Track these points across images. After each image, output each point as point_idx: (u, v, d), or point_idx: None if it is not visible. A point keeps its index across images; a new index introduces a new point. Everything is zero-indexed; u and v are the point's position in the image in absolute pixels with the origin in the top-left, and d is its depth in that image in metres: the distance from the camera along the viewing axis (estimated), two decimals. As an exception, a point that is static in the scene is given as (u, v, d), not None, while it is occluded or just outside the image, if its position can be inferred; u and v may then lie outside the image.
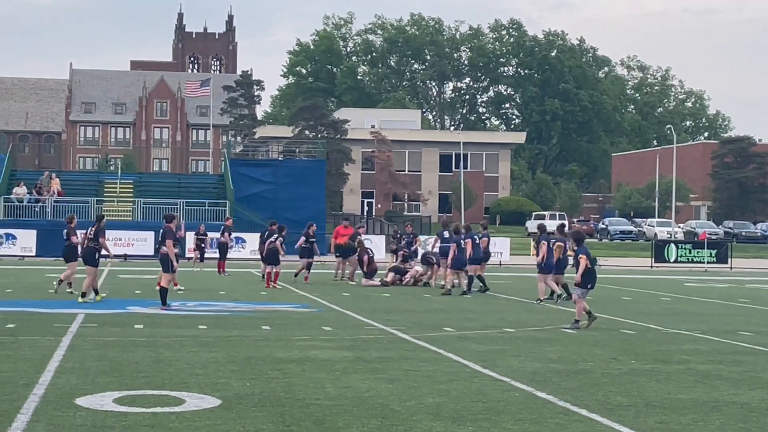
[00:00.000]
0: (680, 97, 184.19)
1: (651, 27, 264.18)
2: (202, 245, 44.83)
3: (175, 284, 31.72)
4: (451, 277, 32.55)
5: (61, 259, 52.19)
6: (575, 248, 22.07)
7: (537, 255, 29.84)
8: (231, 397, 12.52)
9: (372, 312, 24.88)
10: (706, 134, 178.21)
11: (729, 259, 60.02)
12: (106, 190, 65.00)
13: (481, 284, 33.44)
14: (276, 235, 34.88)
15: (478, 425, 11.16)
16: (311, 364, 15.59)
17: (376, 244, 56.05)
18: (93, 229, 26.90)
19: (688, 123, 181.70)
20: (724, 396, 13.46)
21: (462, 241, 32.50)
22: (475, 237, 34.23)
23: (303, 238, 37.95)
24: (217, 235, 44.52)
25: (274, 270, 34.11)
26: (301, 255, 37.63)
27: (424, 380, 14.18)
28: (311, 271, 37.61)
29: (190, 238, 46.92)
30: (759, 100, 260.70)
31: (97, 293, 27.01)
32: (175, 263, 24.75)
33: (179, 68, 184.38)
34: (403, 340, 19.15)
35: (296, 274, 37.16)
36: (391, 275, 37.09)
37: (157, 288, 25.10)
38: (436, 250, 36.25)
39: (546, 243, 29.46)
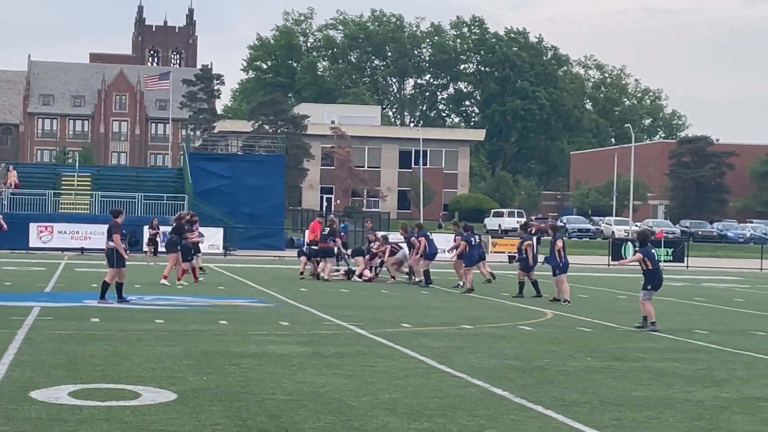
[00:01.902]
0: (637, 95, 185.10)
1: (612, 26, 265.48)
2: (156, 239, 44.70)
3: (179, 279, 31.80)
4: (470, 276, 32.47)
5: (19, 251, 52.00)
6: (637, 248, 22.10)
7: (559, 255, 28.70)
8: (187, 392, 12.49)
9: (330, 307, 24.88)
10: (662, 133, 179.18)
11: (685, 258, 60.41)
12: (63, 182, 64.63)
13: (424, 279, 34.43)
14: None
15: (434, 421, 11.19)
16: (268, 358, 15.58)
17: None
18: None
19: (646, 122, 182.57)
20: (679, 393, 13.55)
21: (473, 239, 32.85)
22: (428, 234, 35.42)
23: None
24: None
25: (188, 266, 33.44)
26: (325, 254, 37.17)
27: (381, 376, 14.20)
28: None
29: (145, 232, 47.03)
30: (714, 99, 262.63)
31: None
32: (125, 256, 24.42)
33: (139, 61, 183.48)
34: (360, 336, 19.17)
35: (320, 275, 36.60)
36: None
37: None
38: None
39: (562, 241, 29.00)
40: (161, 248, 44.93)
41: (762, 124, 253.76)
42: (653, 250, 22.24)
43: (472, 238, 33.07)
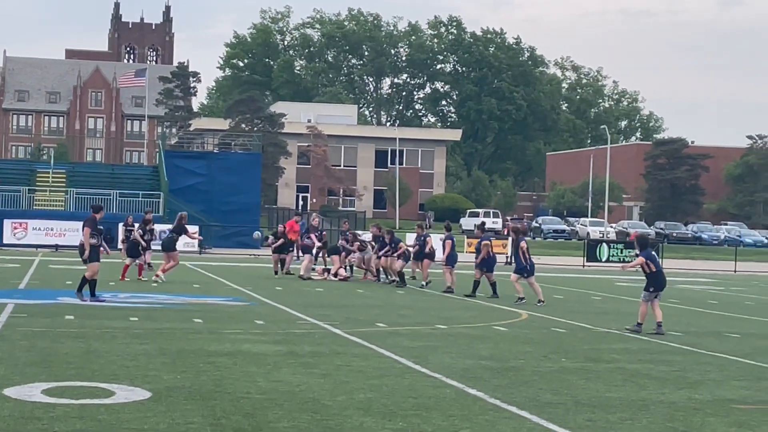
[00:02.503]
0: (614, 97, 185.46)
1: (588, 28, 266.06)
2: (130, 237, 44.42)
3: (156, 275, 31.82)
4: (450, 276, 32.43)
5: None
6: (638, 252, 22.03)
7: (524, 257, 28.60)
8: (161, 390, 12.46)
9: (305, 306, 24.86)
10: (639, 134, 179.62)
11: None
12: (38, 179, 64.46)
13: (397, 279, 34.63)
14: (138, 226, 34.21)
15: (409, 421, 11.19)
16: (243, 357, 15.56)
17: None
18: None
19: (622, 123, 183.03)
20: (652, 395, 13.59)
21: (454, 238, 32.95)
22: (399, 239, 35.97)
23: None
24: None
25: (136, 262, 33.14)
26: (304, 251, 37.01)
27: (356, 375, 14.20)
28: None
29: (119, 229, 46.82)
30: (690, 102, 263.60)
31: None
32: (86, 253, 23.99)
33: (115, 58, 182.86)
34: (335, 335, 19.17)
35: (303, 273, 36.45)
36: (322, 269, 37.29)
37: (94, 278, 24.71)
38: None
39: (526, 243, 28.99)
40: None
41: (737, 126, 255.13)
42: (653, 253, 22.33)
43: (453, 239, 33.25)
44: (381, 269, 36.45)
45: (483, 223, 33.81)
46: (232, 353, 15.96)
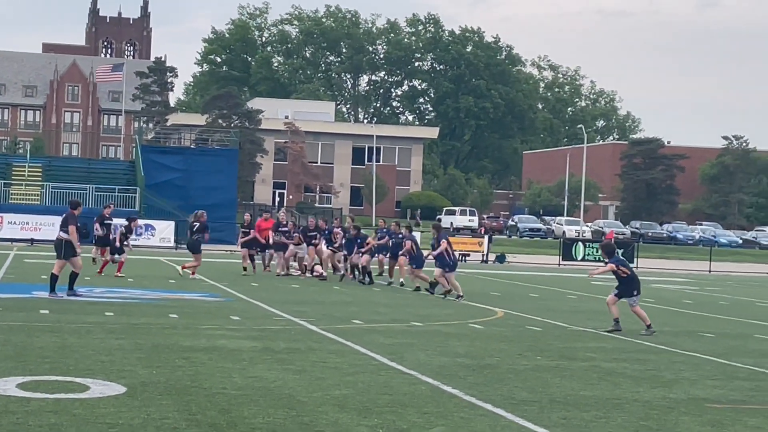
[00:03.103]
0: (592, 97, 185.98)
1: (566, 27, 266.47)
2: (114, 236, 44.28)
3: (192, 273, 31.94)
4: (420, 276, 32.35)
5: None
6: (606, 260, 22.06)
7: (447, 254, 29.05)
8: (136, 385, 12.44)
9: (281, 303, 24.85)
10: (615, 134, 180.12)
11: (635, 259, 60.71)
12: (14, 173, 64.20)
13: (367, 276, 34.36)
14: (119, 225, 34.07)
15: (384, 418, 11.20)
16: (218, 353, 15.55)
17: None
18: None
19: (600, 123, 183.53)
20: (627, 394, 13.64)
21: (415, 238, 32.94)
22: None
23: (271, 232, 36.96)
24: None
25: (119, 259, 33.09)
26: (277, 248, 36.76)
27: (331, 372, 14.20)
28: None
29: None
30: (667, 102, 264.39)
31: None
32: (78, 249, 23.99)
33: (92, 52, 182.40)
34: (311, 332, 19.16)
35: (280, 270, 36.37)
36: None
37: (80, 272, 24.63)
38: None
39: (446, 241, 29.35)
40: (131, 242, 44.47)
41: (713, 127, 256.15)
42: (622, 257, 22.42)
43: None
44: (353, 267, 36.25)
45: (439, 220, 34.00)
46: (208, 349, 15.95)
